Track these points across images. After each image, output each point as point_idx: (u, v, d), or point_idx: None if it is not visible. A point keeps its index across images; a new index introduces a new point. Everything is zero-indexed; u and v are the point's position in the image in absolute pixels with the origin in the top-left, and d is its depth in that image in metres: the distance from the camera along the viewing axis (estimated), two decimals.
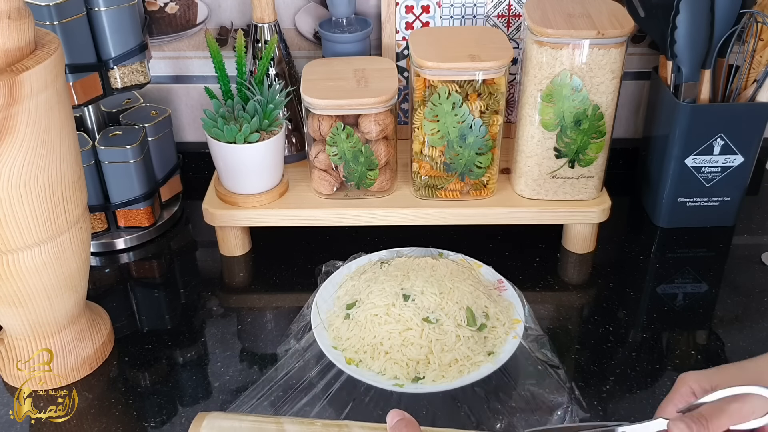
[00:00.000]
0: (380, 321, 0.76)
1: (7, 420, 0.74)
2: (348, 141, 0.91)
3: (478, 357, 0.75)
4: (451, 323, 0.75)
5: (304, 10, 1.05)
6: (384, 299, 0.78)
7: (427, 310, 0.76)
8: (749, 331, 0.86)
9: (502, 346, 0.76)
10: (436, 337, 0.75)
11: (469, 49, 0.90)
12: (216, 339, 0.85)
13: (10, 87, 0.61)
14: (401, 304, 0.77)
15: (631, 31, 0.89)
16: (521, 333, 0.78)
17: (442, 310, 0.76)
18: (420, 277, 0.80)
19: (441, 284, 0.79)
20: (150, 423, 0.74)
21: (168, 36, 1.07)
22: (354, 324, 0.78)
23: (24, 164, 0.64)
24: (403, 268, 0.83)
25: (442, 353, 0.74)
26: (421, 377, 0.73)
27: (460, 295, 0.78)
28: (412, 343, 0.74)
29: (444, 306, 0.77)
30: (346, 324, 0.78)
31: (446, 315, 0.76)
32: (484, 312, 0.79)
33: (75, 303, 0.77)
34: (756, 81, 0.94)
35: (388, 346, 0.75)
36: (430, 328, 0.75)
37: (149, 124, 0.99)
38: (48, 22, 0.83)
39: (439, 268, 0.83)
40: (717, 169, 0.97)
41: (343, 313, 0.80)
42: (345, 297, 0.82)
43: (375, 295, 0.79)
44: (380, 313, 0.77)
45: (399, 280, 0.80)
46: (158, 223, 1.03)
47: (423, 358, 0.74)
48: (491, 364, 0.74)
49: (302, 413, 0.75)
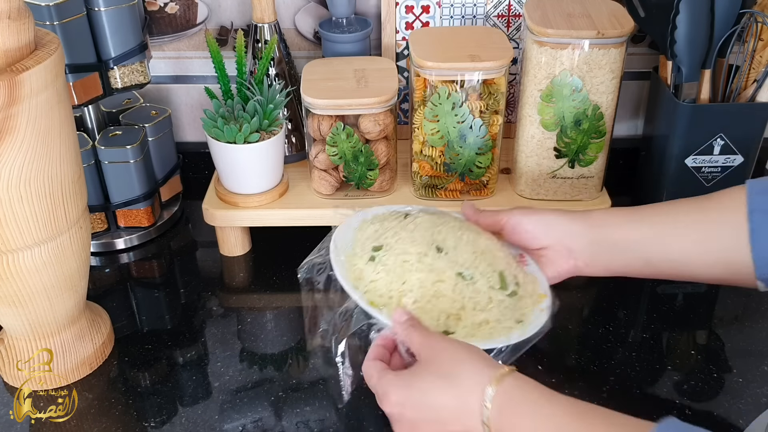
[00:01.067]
0: (411, 268, 0.70)
1: (7, 420, 0.74)
2: (348, 141, 0.91)
3: (508, 323, 0.71)
4: (485, 283, 0.71)
5: (304, 10, 1.05)
6: (415, 247, 0.72)
7: (461, 265, 0.71)
8: (749, 331, 0.86)
9: (531, 316, 0.73)
10: (470, 295, 0.70)
11: (469, 49, 0.90)
12: (216, 339, 0.85)
13: (10, 87, 0.61)
14: (434, 255, 0.71)
15: (631, 31, 0.89)
16: (548, 307, 0.74)
17: (476, 269, 0.71)
18: (452, 233, 0.74)
19: (474, 243, 0.74)
20: (150, 423, 0.74)
21: (168, 36, 1.07)
22: (380, 267, 0.71)
23: (24, 164, 0.64)
24: (431, 222, 0.76)
25: (474, 311, 0.70)
26: (451, 332, 0.69)
27: (493, 258, 0.73)
28: (444, 296, 0.70)
29: (478, 265, 0.72)
30: (371, 266, 0.72)
31: (480, 274, 0.71)
32: (514, 279, 0.74)
33: (75, 303, 0.77)
34: (756, 81, 0.94)
35: (418, 295, 0.69)
36: (464, 285, 0.70)
37: (149, 124, 0.99)
38: (48, 22, 0.83)
39: (469, 228, 0.77)
40: (717, 169, 0.97)
41: (368, 254, 0.73)
42: (368, 241, 0.75)
43: (405, 242, 0.72)
44: (411, 260, 0.71)
45: (430, 232, 0.74)
46: (158, 223, 1.03)
47: (454, 313, 0.70)
48: (519, 332, 0.70)
49: (303, 413, 0.75)
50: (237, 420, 0.74)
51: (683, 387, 0.78)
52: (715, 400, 0.76)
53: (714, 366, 0.80)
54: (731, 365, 0.80)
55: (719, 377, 0.79)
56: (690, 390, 0.77)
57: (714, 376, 0.79)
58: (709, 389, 0.77)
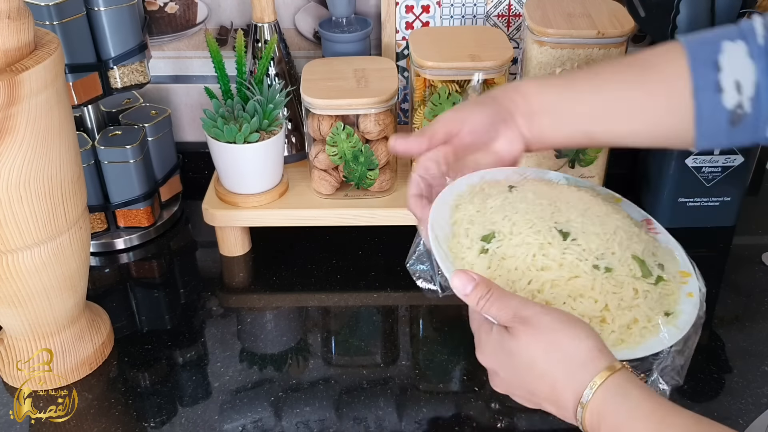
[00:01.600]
0: (536, 264, 0.58)
1: (7, 420, 0.74)
2: (348, 141, 0.91)
3: (657, 318, 0.58)
4: (625, 273, 0.58)
5: (304, 9, 1.05)
6: (535, 235, 0.58)
7: (594, 253, 0.58)
8: (749, 331, 0.86)
9: (678, 305, 0.60)
10: (612, 290, 0.57)
11: (469, 49, 0.90)
12: (216, 339, 0.85)
13: (9, 87, 0.61)
14: (560, 244, 0.58)
15: (632, 31, 0.89)
16: (697, 291, 0.61)
17: (612, 255, 0.58)
18: (574, 210, 0.61)
19: (603, 221, 0.61)
20: (150, 423, 0.74)
21: (168, 36, 1.07)
22: (496, 262, 0.58)
23: (23, 164, 0.64)
24: (546, 197, 0.63)
25: (620, 311, 0.57)
26: None
27: (625, 235, 0.60)
28: (582, 295, 0.57)
29: (613, 250, 0.59)
30: (483, 261, 0.59)
31: (618, 262, 0.58)
32: (654, 260, 0.61)
33: (75, 303, 0.77)
34: None
35: (550, 296, 0.57)
36: (603, 278, 0.57)
37: (149, 123, 0.98)
38: (48, 22, 0.83)
39: (587, 200, 0.64)
40: (717, 169, 0.97)
41: (477, 245, 0.60)
42: (472, 226, 0.61)
43: (521, 228, 0.59)
44: (535, 252, 0.58)
45: (548, 211, 0.61)
46: (158, 223, 1.03)
47: (597, 315, 0.57)
48: (674, 329, 0.58)
49: (303, 413, 0.75)
50: (237, 420, 0.74)
51: (683, 387, 0.77)
52: (716, 400, 0.76)
53: (714, 366, 0.80)
54: (731, 365, 0.80)
55: (719, 377, 0.79)
56: (690, 390, 0.77)
57: (714, 376, 0.79)
58: (709, 389, 0.77)
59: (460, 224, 0.62)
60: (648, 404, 0.49)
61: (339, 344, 0.86)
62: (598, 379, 0.50)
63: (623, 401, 0.49)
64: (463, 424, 0.73)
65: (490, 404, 0.75)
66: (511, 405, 0.75)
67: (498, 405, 0.76)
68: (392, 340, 0.86)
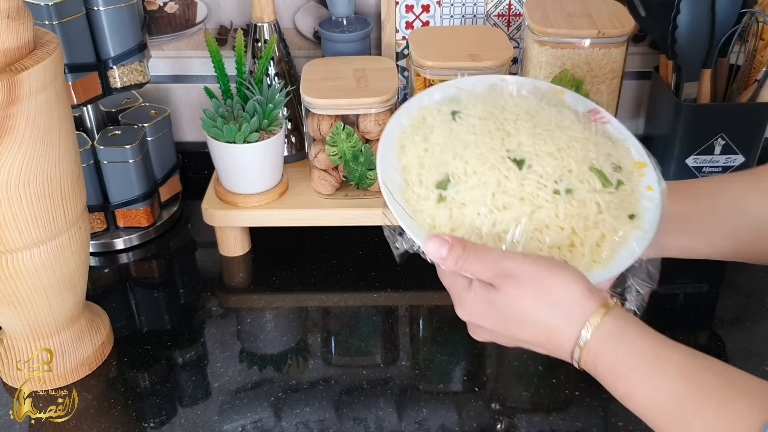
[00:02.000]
0: (496, 203, 0.55)
1: (7, 420, 0.74)
2: (348, 141, 0.91)
3: (624, 226, 0.57)
4: (586, 189, 0.56)
5: (304, 9, 1.05)
6: (491, 171, 0.56)
7: (552, 177, 0.56)
8: (749, 332, 0.86)
9: (639, 203, 0.58)
10: (576, 212, 0.55)
11: (469, 49, 0.90)
12: (215, 339, 0.85)
13: (9, 87, 0.60)
14: (516, 175, 0.56)
15: (632, 31, 0.89)
16: (656, 183, 0.59)
17: (570, 174, 0.56)
18: (523, 129, 0.58)
19: (553, 136, 0.58)
20: (149, 423, 0.74)
21: (167, 35, 1.07)
22: (456, 209, 0.56)
23: (23, 164, 0.64)
24: (492, 118, 0.60)
25: (586, 231, 0.56)
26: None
27: (580, 148, 0.58)
28: (548, 226, 0.55)
29: (570, 167, 0.56)
30: (443, 210, 0.56)
31: (577, 179, 0.56)
32: (612, 163, 0.59)
33: (74, 303, 0.77)
34: (757, 81, 0.93)
35: (518, 235, 0.55)
36: (566, 202, 0.55)
37: (149, 123, 0.98)
38: (47, 22, 0.83)
39: (535, 108, 0.61)
40: (718, 169, 0.97)
41: (434, 194, 0.57)
42: (423, 171, 0.58)
43: (475, 166, 0.56)
44: (494, 191, 0.55)
45: (498, 138, 0.58)
46: (157, 223, 1.02)
47: (567, 244, 0.55)
48: (641, 232, 0.56)
49: (302, 413, 0.75)
50: (236, 420, 0.74)
51: None
52: None
53: None
54: (732, 365, 0.80)
55: None
56: None
57: None
58: None
59: (410, 170, 0.59)
60: (643, 341, 0.50)
61: (339, 344, 0.86)
62: (593, 320, 0.50)
63: (619, 340, 0.49)
64: (463, 424, 0.73)
65: (490, 404, 0.75)
66: (511, 405, 0.76)
67: (498, 405, 0.75)
68: (392, 340, 0.86)
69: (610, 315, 0.50)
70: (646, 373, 0.48)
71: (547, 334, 0.52)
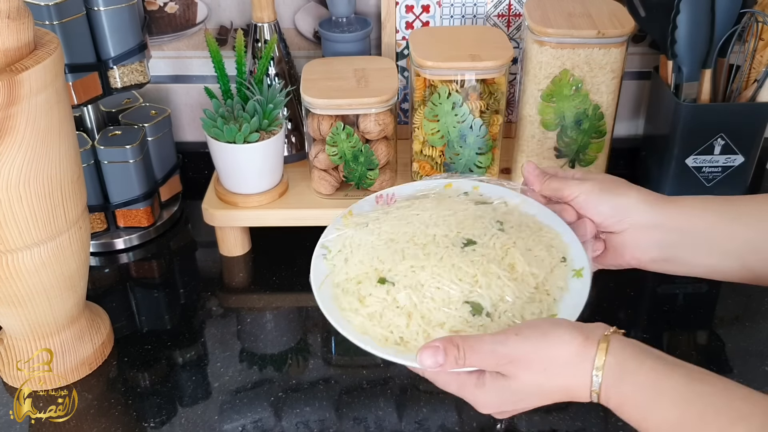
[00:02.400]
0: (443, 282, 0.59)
1: (7, 420, 0.74)
2: (348, 141, 0.91)
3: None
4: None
5: (304, 9, 1.05)
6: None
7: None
8: (749, 331, 0.86)
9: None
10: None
11: (469, 49, 0.90)
12: (216, 339, 0.85)
13: (9, 87, 0.60)
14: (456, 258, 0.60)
15: (632, 31, 0.89)
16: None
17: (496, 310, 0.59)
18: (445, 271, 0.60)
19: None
20: (149, 423, 0.74)
21: (167, 36, 1.07)
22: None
23: (23, 164, 0.64)
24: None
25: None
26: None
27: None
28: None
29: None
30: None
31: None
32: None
33: (74, 303, 0.77)
34: (756, 81, 0.93)
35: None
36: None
37: (149, 123, 0.98)
38: (47, 22, 0.83)
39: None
40: (717, 169, 0.97)
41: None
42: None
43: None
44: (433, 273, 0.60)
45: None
46: (158, 223, 1.02)
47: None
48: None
49: (302, 413, 0.75)
50: (237, 420, 0.74)
51: None
52: None
53: (714, 366, 0.80)
54: (732, 365, 0.80)
55: None
56: None
57: None
58: None
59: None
60: (639, 376, 0.50)
61: (339, 344, 0.86)
62: (597, 362, 0.51)
63: (620, 379, 0.50)
64: (463, 424, 0.73)
65: None
66: None
67: None
68: None
69: (609, 353, 0.51)
70: (648, 406, 0.49)
71: (567, 393, 0.53)
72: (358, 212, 0.70)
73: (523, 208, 0.68)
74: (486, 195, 0.70)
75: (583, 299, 0.59)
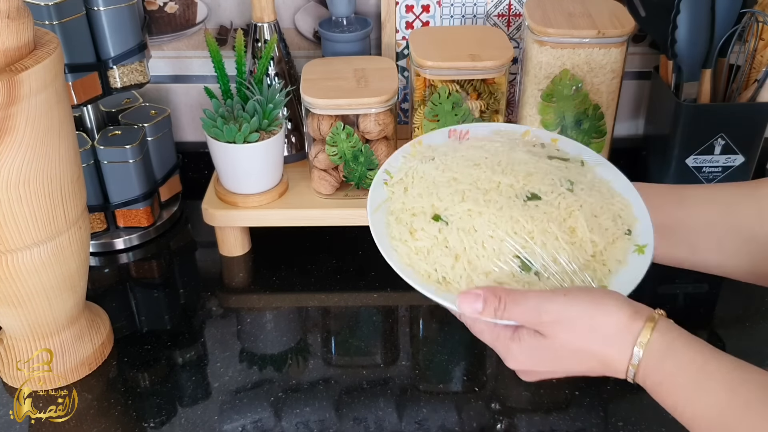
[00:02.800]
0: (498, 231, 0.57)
1: (7, 420, 0.74)
2: (348, 141, 0.91)
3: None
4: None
5: (304, 9, 1.05)
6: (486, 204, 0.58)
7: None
8: (749, 331, 0.86)
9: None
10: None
11: (469, 49, 0.90)
12: (215, 339, 0.85)
13: (9, 87, 0.60)
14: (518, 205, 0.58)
15: (632, 31, 0.89)
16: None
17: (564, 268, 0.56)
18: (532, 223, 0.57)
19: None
20: (149, 423, 0.74)
21: (167, 35, 1.07)
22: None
23: (23, 164, 0.64)
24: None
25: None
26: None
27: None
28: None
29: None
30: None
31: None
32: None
33: (74, 303, 0.77)
34: (757, 81, 0.93)
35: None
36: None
37: (149, 123, 0.98)
38: (47, 22, 0.83)
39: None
40: (718, 169, 0.97)
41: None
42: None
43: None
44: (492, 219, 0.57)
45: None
46: (158, 223, 1.02)
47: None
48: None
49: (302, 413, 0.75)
50: (236, 420, 0.74)
51: None
52: None
53: None
54: None
55: None
56: None
57: None
58: None
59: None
60: (687, 355, 0.49)
61: (339, 344, 0.86)
62: (642, 338, 0.50)
63: (665, 356, 0.49)
64: (463, 424, 0.73)
65: (490, 404, 0.75)
66: (511, 405, 0.76)
67: (498, 405, 0.75)
68: (392, 340, 0.86)
69: (656, 330, 0.50)
70: (692, 387, 0.49)
71: (603, 363, 0.52)
72: (428, 143, 0.67)
73: (599, 171, 0.65)
74: (563, 150, 0.66)
75: (639, 276, 0.56)
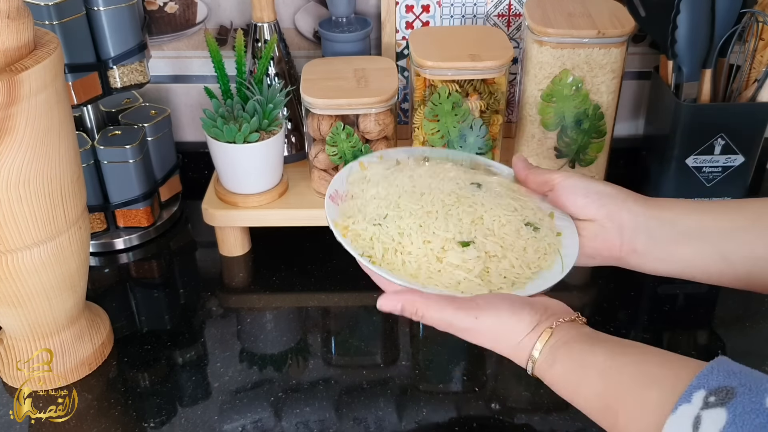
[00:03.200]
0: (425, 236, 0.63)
1: (7, 420, 0.74)
2: (348, 141, 0.91)
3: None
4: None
5: (304, 9, 1.05)
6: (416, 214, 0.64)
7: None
8: (749, 331, 0.86)
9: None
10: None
11: (469, 49, 0.90)
12: (215, 339, 0.85)
13: (9, 87, 0.60)
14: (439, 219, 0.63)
15: (632, 31, 0.89)
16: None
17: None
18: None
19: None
20: (149, 423, 0.74)
21: (167, 35, 1.07)
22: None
23: (23, 164, 0.64)
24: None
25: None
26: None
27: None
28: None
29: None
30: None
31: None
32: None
33: (74, 303, 0.77)
34: (757, 81, 0.93)
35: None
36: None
37: (149, 123, 0.98)
38: (47, 22, 0.83)
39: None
40: (718, 169, 0.97)
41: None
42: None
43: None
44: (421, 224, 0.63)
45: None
46: (158, 223, 1.02)
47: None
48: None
49: (302, 413, 0.75)
50: (236, 420, 0.74)
51: None
52: None
53: None
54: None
55: None
56: None
57: None
58: None
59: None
60: (569, 357, 0.54)
61: (339, 344, 0.86)
62: (535, 351, 0.55)
63: (554, 361, 0.54)
64: (463, 424, 0.73)
65: (490, 404, 0.75)
66: (511, 405, 0.76)
67: (498, 405, 0.75)
68: (392, 340, 0.86)
69: (547, 343, 0.55)
70: (575, 383, 0.53)
71: (509, 357, 0.58)
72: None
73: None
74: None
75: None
